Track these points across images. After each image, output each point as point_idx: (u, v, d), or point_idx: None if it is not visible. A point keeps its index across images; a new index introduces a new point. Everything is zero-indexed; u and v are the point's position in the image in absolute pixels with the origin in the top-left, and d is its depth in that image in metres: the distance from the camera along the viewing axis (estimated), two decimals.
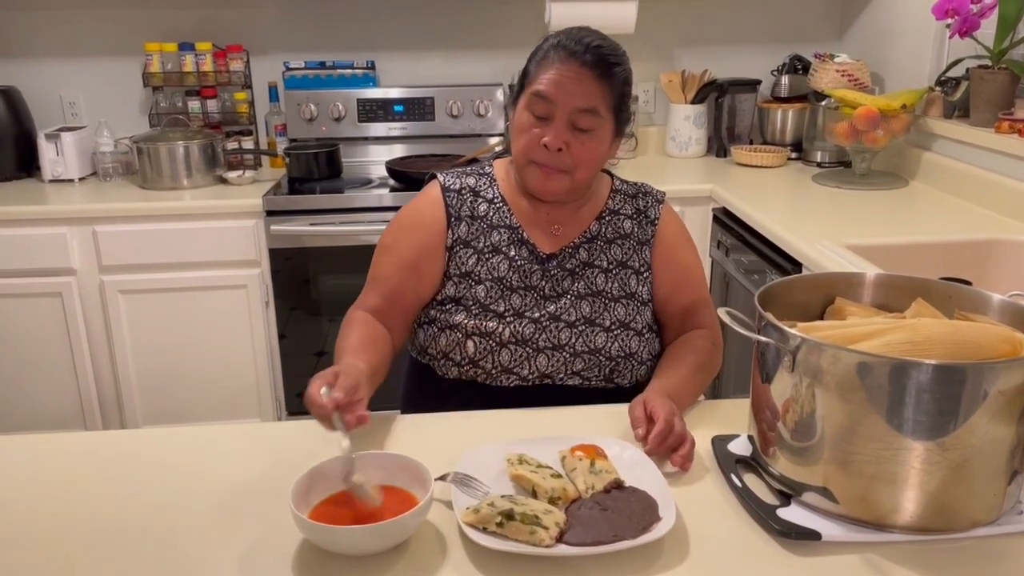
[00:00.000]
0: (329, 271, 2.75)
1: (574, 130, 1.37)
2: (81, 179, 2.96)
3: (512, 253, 1.45)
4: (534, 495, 1.06)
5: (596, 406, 1.37)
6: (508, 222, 1.47)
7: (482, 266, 1.45)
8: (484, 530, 0.98)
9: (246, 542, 1.02)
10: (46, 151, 2.89)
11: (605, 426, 1.29)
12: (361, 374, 1.21)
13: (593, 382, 1.44)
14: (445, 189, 1.49)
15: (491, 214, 1.48)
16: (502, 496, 1.03)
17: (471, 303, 1.43)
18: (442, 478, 1.08)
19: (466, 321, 1.42)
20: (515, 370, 1.42)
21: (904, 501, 0.98)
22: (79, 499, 1.12)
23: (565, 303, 1.44)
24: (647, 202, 1.54)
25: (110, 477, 1.18)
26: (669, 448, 1.16)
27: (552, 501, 1.04)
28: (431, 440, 1.27)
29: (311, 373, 2.92)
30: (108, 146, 2.96)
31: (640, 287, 1.48)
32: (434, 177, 1.53)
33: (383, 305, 1.46)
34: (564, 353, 1.42)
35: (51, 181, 2.92)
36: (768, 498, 1.07)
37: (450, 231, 1.47)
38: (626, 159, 3.15)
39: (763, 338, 1.04)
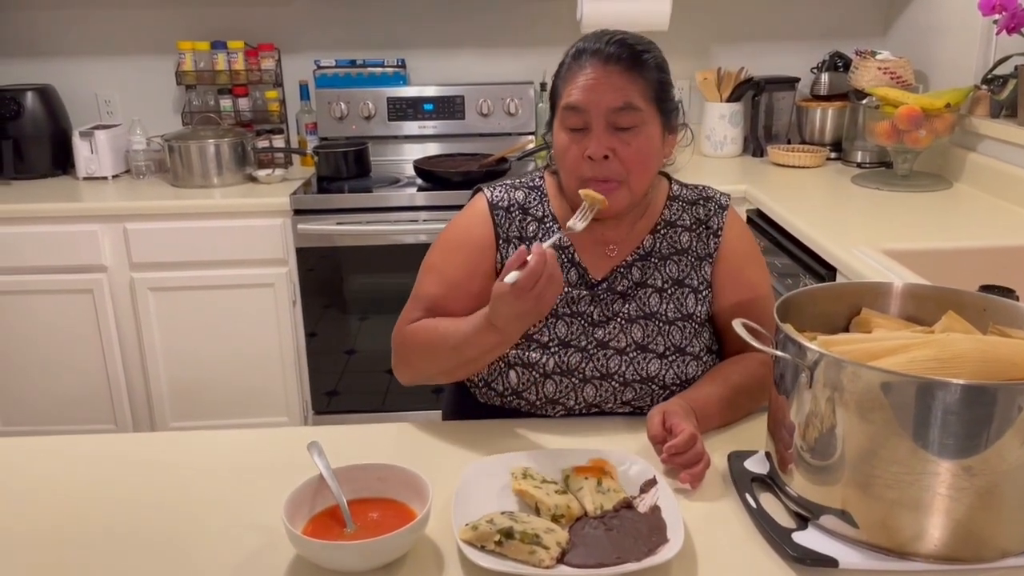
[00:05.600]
0: (358, 270, 2.73)
1: (616, 133, 1.26)
2: (115, 177, 2.98)
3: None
4: (537, 512, 1.02)
5: (617, 417, 1.33)
6: (557, 242, 1.35)
7: None
8: (482, 548, 0.95)
9: (244, 552, 1.00)
10: (80, 149, 2.92)
11: (623, 438, 1.25)
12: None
13: (645, 411, 1.27)
14: (493, 206, 1.38)
15: (540, 234, 1.37)
16: (503, 512, 0.99)
17: None
18: None
19: (508, 351, 1.32)
20: (561, 401, 1.33)
21: (928, 528, 0.92)
22: (78, 502, 1.11)
23: (614, 328, 1.34)
24: (709, 209, 1.41)
25: (117, 480, 1.17)
26: (683, 464, 1.11)
27: (555, 519, 1.00)
28: (439, 449, 1.24)
29: (341, 372, 2.92)
30: (141, 144, 2.98)
31: (698, 307, 1.37)
32: (479, 191, 1.43)
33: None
34: (613, 383, 1.32)
35: (85, 178, 2.95)
36: (784, 520, 1.02)
37: (498, 254, 1.37)
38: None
39: (779, 353, 0.99)
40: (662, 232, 1.40)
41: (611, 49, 1.26)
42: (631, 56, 1.27)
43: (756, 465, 1.12)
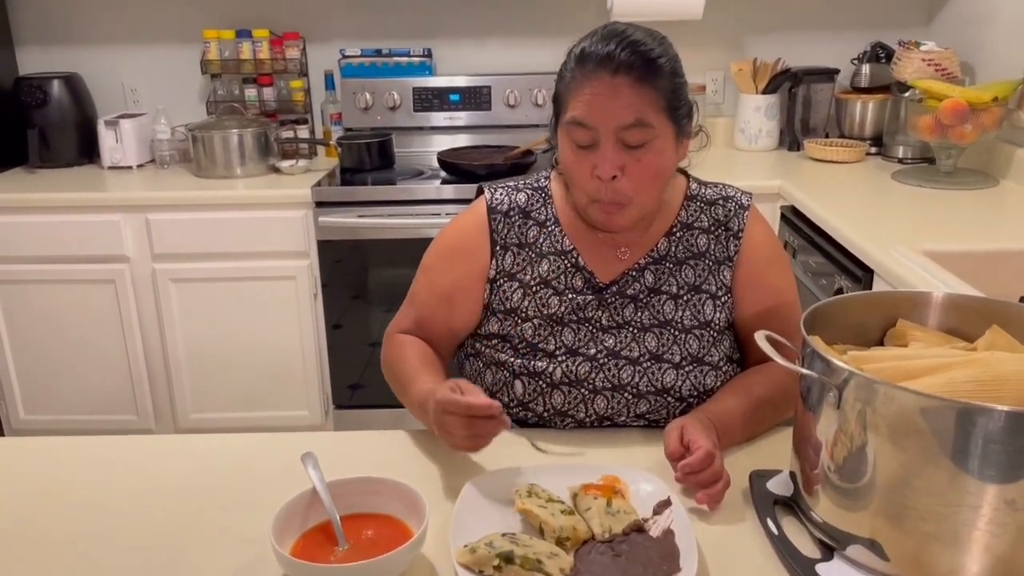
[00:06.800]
0: (381, 263, 2.68)
1: (626, 149, 1.17)
2: (139, 166, 2.97)
3: (563, 286, 1.28)
4: (541, 533, 0.96)
5: (631, 429, 1.26)
6: (560, 247, 1.29)
7: (529, 301, 1.28)
8: (480, 573, 0.89)
9: (235, 564, 0.96)
10: (105, 138, 2.91)
11: (637, 451, 1.18)
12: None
13: (661, 425, 1.23)
14: (492, 210, 1.32)
15: (541, 240, 1.30)
16: (503, 534, 0.93)
17: (518, 341, 1.27)
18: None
19: (513, 360, 1.27)
20: (570, 413, 1.26)
21: (966, 564, 0.84)
22: (69, 506, 1.08)
23: (626, 336, 1.26)
24: (729, 210, 1.31)
25: (111, 484, 1.13)
26: (700, 484, 1.04)
27: (560, 542, 0.94)
28: (442, 460, 1.18)
29: (365, 365, 2.88)
30: (165, 133, 2.96)
31: (717, 314, 1.28)
32: (483, 191, 1.36)
33: (417, 333, 1.35)
34: (626, 394, 1.25)
35: (110, 168, 2.94)
36: (808, 549, 0.95)
37: (494, 261, 1.30)
38: (690, 151, 2.99)
39: (805, 370, 0.91)
40: (678, 235, 1.31)
41: (622, 56, 1.14)
42: (643, 64, 1.15)
43: (779, 486, 1.04)
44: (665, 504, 1.00)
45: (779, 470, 1.07)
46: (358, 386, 2.83)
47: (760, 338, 0.96)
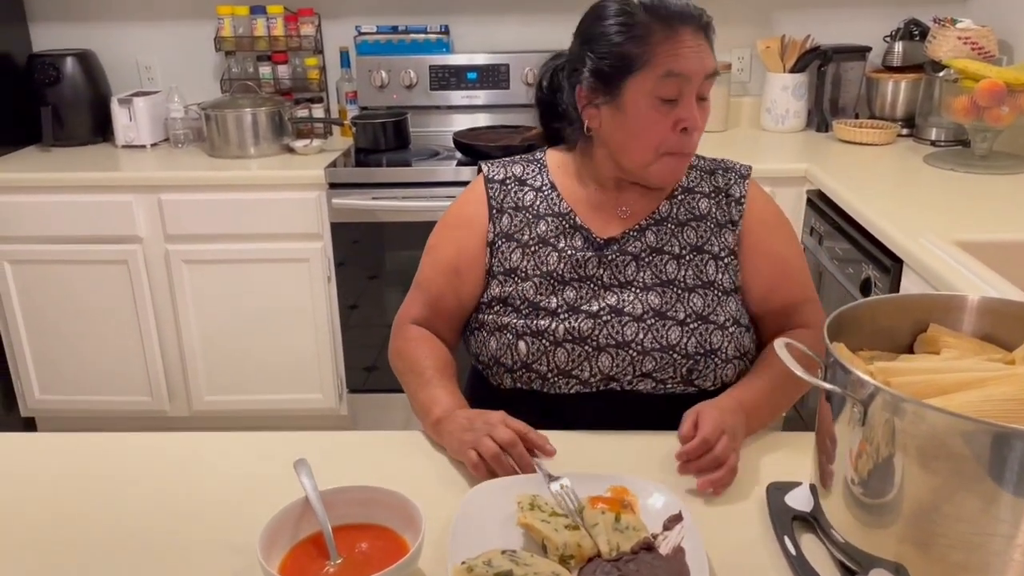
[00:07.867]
0: (397, 244, 2.63)
1: (698, 101, 1.24)
2: (153, 145, 2.92)
3: (562, 244, 1.31)
4: (544, 550, 0.91)
5: (644, 432, 1.21)
6: (557, 209, 1.33)
7: (528, 260, 1.31)
8: None
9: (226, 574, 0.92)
10: (119, 116, 2.87)
11: (648, 459, 1.12)
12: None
13: (669, 384, 1.26)
14: (488, 180, 1.37)
15: (537, 203, 1.34)
16: (503, 551, 0.88)
17: (519, 301, 1.30)
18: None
19: (515, 321, 1.29)
20: (574, 373, 1.26)
21: None
22: (58, 507, 1.04)
23: (628, 295, 1.28)
24: (728, 179, 1.36)
25: (106, 482, 1.09)
26: (700, 469, 1.04)
27: (564, 560, 0.89)
28: (446, 463, 1.13)
29: (381, 346, 2.87)
30: (179, 112, 2.91)
31: (720, 275, 1.30)
32: (481, 169, 1.42)
33: (428, 315, 1.37)
34: (630, 351, 1.25)
35: (124, 146, 2.90)
36: (828, 571, 0.89)
37: (491, 225, 1.34)
38: (715, 132, 2.90)
39: (828, 385, 0.85)
40: (679, 198, 1.34)
41: (692, 12, 1.22)
42: (703, 20, 1.24)
43: (799, 501, 0.98)
44: (676, 519, 0.94)
45: (799, 482, 1.02)
46: (373, 368, 2.79)
47: (780, 347, 0.89)
